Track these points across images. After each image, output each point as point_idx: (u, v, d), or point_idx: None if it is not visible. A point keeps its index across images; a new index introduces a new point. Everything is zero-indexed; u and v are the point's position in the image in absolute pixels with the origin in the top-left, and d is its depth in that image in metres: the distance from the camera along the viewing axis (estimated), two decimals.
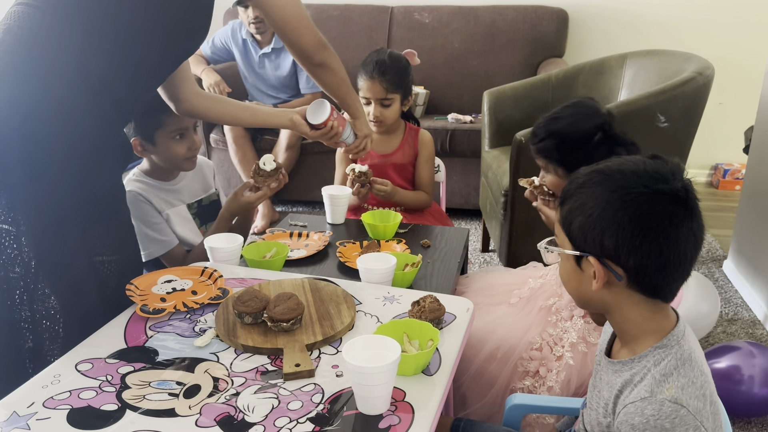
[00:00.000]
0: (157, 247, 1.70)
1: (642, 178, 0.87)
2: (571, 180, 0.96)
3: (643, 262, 0.87)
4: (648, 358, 0.90)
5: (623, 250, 0.87)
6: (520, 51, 3.59)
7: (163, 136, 1.69)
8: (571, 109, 1.49)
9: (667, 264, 0.87)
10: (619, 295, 0.91)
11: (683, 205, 0.86)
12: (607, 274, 0.89)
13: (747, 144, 2.98)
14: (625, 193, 0.87)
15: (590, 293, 0.93)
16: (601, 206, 0.88)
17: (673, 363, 0.87)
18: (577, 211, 0.91)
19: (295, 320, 1.18)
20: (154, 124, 1.67)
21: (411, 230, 1.85)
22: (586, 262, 0.91)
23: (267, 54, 3.34)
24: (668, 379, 0.85)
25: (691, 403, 0.84)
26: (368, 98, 2.07)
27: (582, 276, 0.93)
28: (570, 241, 0.93)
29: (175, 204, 1.79)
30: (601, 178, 0.91)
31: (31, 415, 0.99)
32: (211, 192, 1.91)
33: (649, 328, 0.92)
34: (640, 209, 0.86)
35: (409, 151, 2.18)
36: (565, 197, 0.95)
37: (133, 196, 1.68)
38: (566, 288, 0.99)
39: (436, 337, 1.11)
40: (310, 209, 3.50)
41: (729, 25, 3.59)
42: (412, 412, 0.99)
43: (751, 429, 1.85)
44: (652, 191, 0.86)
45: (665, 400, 0.83)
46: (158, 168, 1.77)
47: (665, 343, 0.90)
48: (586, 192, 0.91)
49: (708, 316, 2.21)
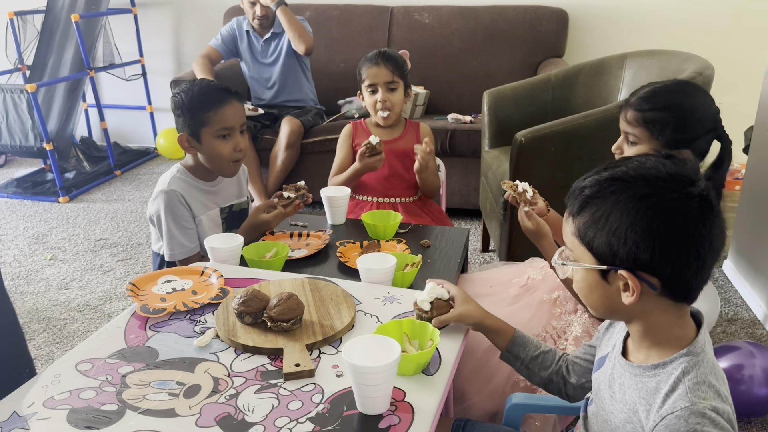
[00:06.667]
0: (181, 251, 1.71)
1: (668, 182, 0.83)
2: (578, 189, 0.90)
3: (682, 269, 0.84)
4: (674, 365, 0.87)
5: (660, 260, 0.83)
6: (520, 51, 3.59)
7: (208, 134, 1.70)
8: (693, 88, 1.43)
9: (704, 266, 0.85)
10: (648, 303, 0.87)
11: (710, 205, 0.84)
12: (642, 285, 0.85)
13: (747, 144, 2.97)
14: (655, 200, 0.82)
15: (617, 305, 0.88)
16: (631, 217, 0.83)
17: (704, 371, 0.85)
18: (598, 223, 0.86)
19: (295, 320, 1.18)
20: (201, 121, 1.68)
21: (411, 230, 1.85)
22: (614, 275, 0.87)
23: (267, 39, 3.45)
24: (701, 388, 0.83)
25: (726, 409, 0.83)
26: (375, 84, 2.12)
27: (608, 289, 0.89)
28: (593, 255, 0.88)
29: (211, 207, 1.80)
30: (621, 186, 0.85)
31: (31, 415, 0.99)
32: (243, 200, 1.91)
33: (674, 334, 0.89)
34: (675, 216, 0.82)
35: (412, 140, 2.21)
36: (578, 208, 0.89)
37: (174, 196, 1.69)
38: (586, 301, 0.94)
39: (436, 337, 1.11)
40: (310, 209, 3.50)
41: (729, 25, 3.59)
42: (412, 412, 0.99)
43: (751, 429, 1.85)
44: (683, 195, 0.82)
45: (706, 410, 0.81)
46: (201, 166, 1.77)
47: (692, 351, 0.87)
48: (604, 202, 0.86)
49: (708, 316, 2.21)
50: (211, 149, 1.71)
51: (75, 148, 4.26)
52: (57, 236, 3.20)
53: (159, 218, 1.70)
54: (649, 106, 1.40)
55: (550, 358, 1.18)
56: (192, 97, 1.68)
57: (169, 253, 1.71)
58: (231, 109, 1.71)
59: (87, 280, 2.74)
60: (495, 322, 1.19)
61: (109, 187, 3.92)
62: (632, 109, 1.42)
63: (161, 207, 1.69)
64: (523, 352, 1.17)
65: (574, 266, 0.91)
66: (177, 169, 1.77)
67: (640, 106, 1.41)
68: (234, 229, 1.81)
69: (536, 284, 1.63)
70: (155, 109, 4.48)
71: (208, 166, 1.76)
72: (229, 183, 1.86)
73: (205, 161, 1.75)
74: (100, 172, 4.04)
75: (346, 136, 2.25)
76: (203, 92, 1.69)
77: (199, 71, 3.37)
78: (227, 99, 1.70)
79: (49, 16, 4.09)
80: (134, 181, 4.02)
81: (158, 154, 4.45)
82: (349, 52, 3.69)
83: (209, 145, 1.71)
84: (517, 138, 2.21)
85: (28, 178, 3.99)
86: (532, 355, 1.17)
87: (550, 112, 2.75)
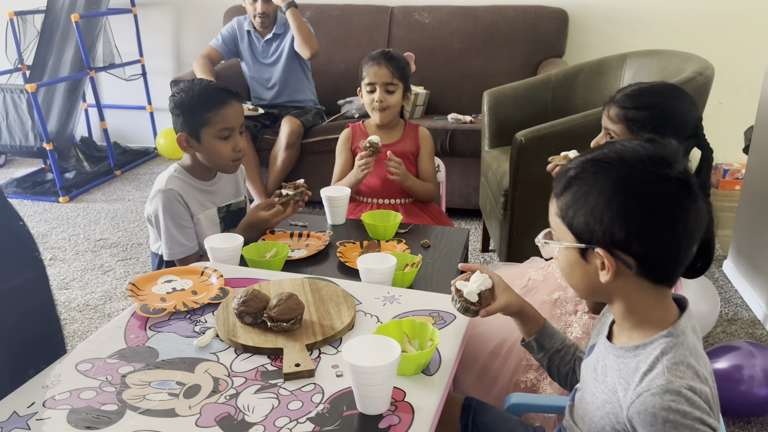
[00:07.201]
0: (179, 250, 1.71)
1: (646, 164, 0.86)
2: (564, 171, 0.93)
3: (655, 249, 0.86)
4: (655, 346, 0.89)
5: (635, 239, 0.85)
6: (520, 51, 3.59)
7: (208, 134, 1.70)
8: (679, 92, 1.44)
9: (679, 249, 0.87)
10: (626, 283, 0.90)
11: (688, 188, 0.86)
12: (617, 264, 0.88)
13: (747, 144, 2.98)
14: (631, 180, 0.86)
15: (596, 284, 0.91)
16: (607, 196, 0.86)
17: (683, 352, 0.87)
18: (578, 203, 0.89)
19: (295, 320, 1.18)
20: (201, 121, 1.68)
21: (411, 230, 1.85)
22: (591, 253, 0.90)
23: (269, 40, 3.43)
24: (680, 368, 0.85)
25: (705, 390, 0.84)
26: (374, 83, 2.13)
27: (587, 268, 0.92)
28: (573, 234, 0.91)
29: (208, 206, 1.80)
30: (600, 167, 0.88)
31: (31, 415, 0.99)
32: (241, 199, 1.91)
33: (654, 317, 0.91)
34: (650, 196, 0.85)
35: (410, 144, 2.21)
36: (562, 189, 0.93)
37: (172, 195, 1.70)
38: (568, 280, 0.97)
39: (436, 337, 1.11)
40: (310, 209, 3.50)
41: (729, 25, 3.59)
42: (412, 412, 0.99)
43: (751, 429, 1.85)
44: (659, 177, 0.85)
45: (682, 388, 0.82)
46: (199, 166, 1.77)
47: (672, 332, 0.89)
48: (585, 182, 0.89)
49: (708, 316, 2.21)
50: (211, 149, 1.71)
51: (75, 148, 4.27)
52: (57, 236, 3.20)
53: (157, 218, 1.70)
54: (632, 104, 1.41)
55: (571, 353, 1.19)
56: (192, 97, 1.69)
57: (168, 253, 1.71)
58: (231, 109, 1.71)
59: (87, 280, 2.74)
60: (532, 309, 1.20)
61: (109, 187, 3.92)
62: (616, 105, 1.44)
63: (159, 206, 1.69)
64: (549, 342, 1.18)
65: (554, 244, 0.95)
66: (174, 168, 1.77)
67: (623, 104, 1.43)
68: (232, 229, 1.81)
69: (537, 285, 1.63)
70: (155, 109, 4.48)
71: (208, 164, 1.76)
72: (226, 182, 1.86)
73: (205, 160, 1.75)
74: (100, 172, 4.04)
75: (345, 140, 2.25)
76: (204, 92, 1.69)
77: (199, 71, 3.37)
78: (228, 99, 1.71)
79: (49, 16, 4.09)
80: (134, 181, 4.02)
81: (158, 154, 4.45)
82: (349, 52, 3.69)
83: (209, 145, 1.71)
84: (517, 138, 2.21)
85: (28, 178, 3.99)
86: (557, 348, 1.18)
87: (550, 112, 2.75)
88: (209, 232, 1.76)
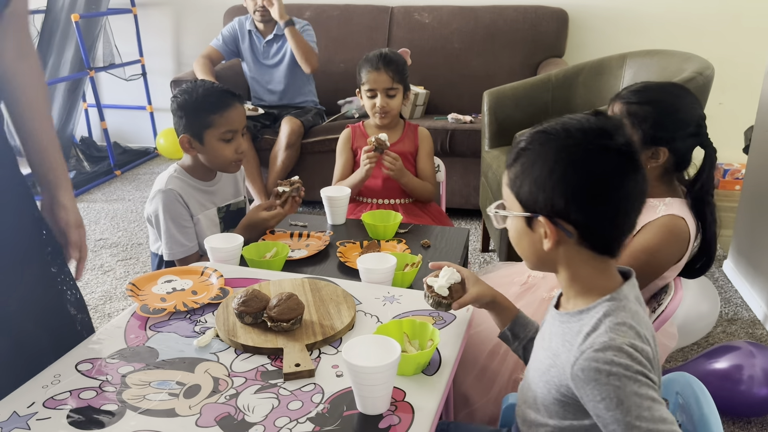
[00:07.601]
0: (180, 250, 1.72)
1: (587, 134, 0.89)
2: (515, 143, 0.97)
3: (593, 218, 0.90)
4: (598, 309, 0.91)
5: (573, 207, 0.89)
6: (520, 51, 3.59)
7: (211, 136, 1.70)
8: (684, 91, 1.45)
9: (616, 217, 0.90)
10: (569, 252, 0.93)
11: (629, 159, 0.89)
12: (558, 232, 0.91)
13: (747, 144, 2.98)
14: (572, 151, 0.89)
15: (541, 253, 0.94)
16: (549, 166, 0.90)
17: (625, 315, 0.90)
18: (525, 173, 0.93)
19: (295, 320, 1.18)
20: (205, 123, 1.68)
21: (411, 230, 1.85)
22: (536, 222, 0.93)
23: (270, 40, 3.42)
24: (621, 328, 0.88)
25: (646, 349, 0.87)
26: (374, 89, 2.12)
27: (533, 236, 0.95)
28: (519, 203, 0.95)
29: (208, 207, 1.80)
30: (546, 138, 0.92)
31: (31, 415, 0.99)
32: (240, 199, 1.92)
33: (597, 284, 0.94)
34: (588, 165, 0.88)
35: (410, 144, 2.21)
36: (512, 160, 0.96)
37: (173, 195, 1.70)
38: (517, 249, 1.01)
39: (436, 337, 1.12)
40: (310, 209, 3.50)
41: (729, 25, 3.59)
42: (412, 412, 0.99)
43: (751, 429, 1.85)
44: (599, 147, 0.88)
45: (624, 345, 0.85)
46: (200, 166, 1.78)
47: (615, 297, 0.92)
48: (532, 153, 0.92)
49: (708, 316, 2.21)
50: (214, 151, 1.72)
51: (75, 148, 4.26)
52: None
53: (157, 218, 1.71)
54: (635, 99, 1.43)
55: None
56: (196, 99, 1.68)
57: (168, 252, 1.71)
58: (235, 112, 1.71)
59: (87, 280, 2.74)
60: (504, 299, 1.22)
61: (109, 187, 3.92)
62: (620, 101, 1.46)
63: (159, 206, 1.69)
64: (523, 332, 1.20)
65: (502, 213, 0.98)
66: (174, 169, 1.77)
67: (628, 99, 1.44)
68: (231, 229, 1.82)
69: (537, 282, 1.64)
70: (155, 109, 4.48)
71: (210, 166, 1.77)
72: (226, 183, 1.86)
73: (207, 161, 1.75)
74: (100, 172, 4.04)
75: (345, 141, 2.25)
76: (207, 94, 1.69)
77: (199, 72, 3.36)
78: (231, 102, 1.71)
79: (49, 16, 4.09)
80: (134, 181, 4.02)
81: (158, 154, 4.45)
82: (349, 52, 3.69)
83: (212, 147, 1.71)
84: (517, 138, 2.20)
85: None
86: (531, 337, 1.19)
87: (550, 112, 2.75)
88: (209, 232, 1.76)
